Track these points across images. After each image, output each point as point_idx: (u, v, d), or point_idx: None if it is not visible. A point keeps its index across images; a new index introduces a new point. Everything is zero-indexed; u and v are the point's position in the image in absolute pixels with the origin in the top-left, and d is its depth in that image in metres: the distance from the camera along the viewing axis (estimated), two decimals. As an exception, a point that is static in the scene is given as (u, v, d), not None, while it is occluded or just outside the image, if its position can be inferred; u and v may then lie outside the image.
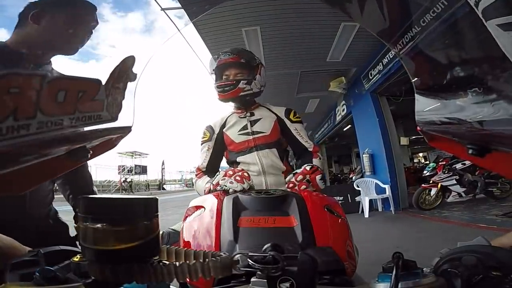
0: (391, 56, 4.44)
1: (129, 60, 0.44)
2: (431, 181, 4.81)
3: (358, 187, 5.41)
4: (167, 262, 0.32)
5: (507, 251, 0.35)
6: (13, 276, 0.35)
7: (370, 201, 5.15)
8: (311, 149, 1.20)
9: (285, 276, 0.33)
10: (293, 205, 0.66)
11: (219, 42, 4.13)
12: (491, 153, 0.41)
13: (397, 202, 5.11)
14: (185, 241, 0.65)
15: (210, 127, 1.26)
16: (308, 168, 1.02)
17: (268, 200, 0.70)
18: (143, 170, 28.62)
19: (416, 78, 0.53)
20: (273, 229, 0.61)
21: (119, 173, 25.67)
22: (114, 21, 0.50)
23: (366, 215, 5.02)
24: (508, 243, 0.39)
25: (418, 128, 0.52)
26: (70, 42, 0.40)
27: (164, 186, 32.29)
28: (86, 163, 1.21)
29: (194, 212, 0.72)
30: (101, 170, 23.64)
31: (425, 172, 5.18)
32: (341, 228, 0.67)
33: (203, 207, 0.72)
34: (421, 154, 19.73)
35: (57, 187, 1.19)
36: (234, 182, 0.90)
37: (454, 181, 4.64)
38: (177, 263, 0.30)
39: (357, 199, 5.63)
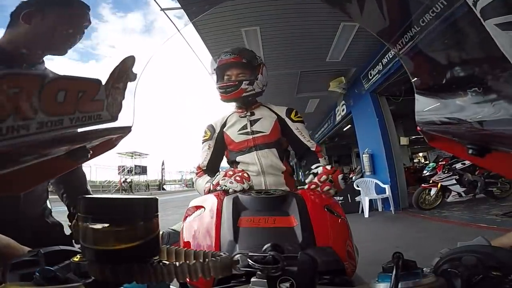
0: (390, 56, 4.43)
1: (129, 60, 0.44)
2: (431, 181, 4.81)
3: (358, 187, 5.41)
4: (167, 262, 0.32)
5: (507, 251, 0.35)
6: (13, 276, 0.35)
7: (370, 201, 5.14)
8: (313, 149, 1.18)
9: (285, 276, 0.33)
10: (293, 205, 0.66)
11: (218, 42, 4.13)
12: (491, 153, 0.41)
13: (397, 202, 5.11)
14: (185, 241, 0.65)
15: (211, 126, 1.26)
16: (328, 167, 0.97)
17: (268, 200, 0.70)
18: (143, 170, 28.58)
19: (416, 78, 0.53)
20: (273, 229, 0.60)
21: (119, 174, 25.63)
22: (113, 22, 0.50)
23: (366, 215, 5.02)
24: (508, 243, 0.39)
25: (418, 128, 0.52)
26: (61, 42, 0.40)
27: (164, 186, 32.23)
28: None
29: (194, 212, 0.72)
30: (101, 170, 23.68)
31: (425, 172, 5.17)
32: (341, 228, 0.67)
33: (203, 207, 0.72)
34: (421, 154, 19.72)
35: (51, 186, 1.19)
36: (234, 182, 0.90)
37: (454, 181, 4.64)
38: (177, 263, 0.30)
39: (357, 199, 5.62)
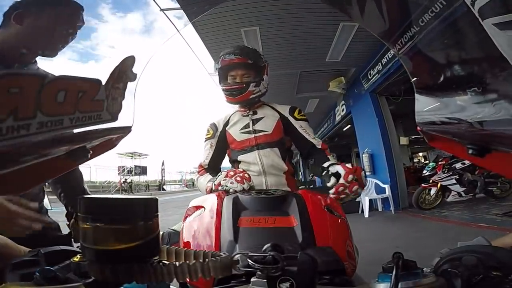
0: (390, 56, 4.44)
1: (129, 60, 0.44)
2: (430, 181, 4.80)
3: (358, 187, 5.39)
4: (167, 262, 0.32)
5: (508, 251, 0.35)
6: (13, 276, 0.35)
7: (370, 201, 5.14)
8: (319, 146, 1.14)
9: (285, 276, 0.33)
10: (293, 205, 0.66)
11: (218, 42, 4.13)
12: (491, 153, 0.41)
13: (397, 202, 5.11)
14: (185, 241, 0.65)
15: (214, 124, 1.26)
16: (349, 166, 0.92)
17: (268, 200, 0.70)
18: (143, 170, 28.55)
19: (415, 78, 0.53)
20: (273, 229, 0.60)
21: (119, 174, 25.60)
22: (113, 22, 0.50)
23: (366, 215, 5.01)
24: (508, 243, 0.39)
25: (418, 128, 0.52)
26: (54, 42, 0.40)
27: (164, 186, 32.21)
28: None
29: (194, 212, 0.72)
30: (101, 171, 23.64)
31: (424, 171, 5.17)
32: (341, 228, 0.67)
33: (203, 207, 0.72)
34: (421, 154, 19.71)
35: (49, 186, 1.18)
36: (234, 182, 0.90)
37: (454, 181, 4.64)
38: (177, 263, 0.30)
39: (357, 199, 5.62)
